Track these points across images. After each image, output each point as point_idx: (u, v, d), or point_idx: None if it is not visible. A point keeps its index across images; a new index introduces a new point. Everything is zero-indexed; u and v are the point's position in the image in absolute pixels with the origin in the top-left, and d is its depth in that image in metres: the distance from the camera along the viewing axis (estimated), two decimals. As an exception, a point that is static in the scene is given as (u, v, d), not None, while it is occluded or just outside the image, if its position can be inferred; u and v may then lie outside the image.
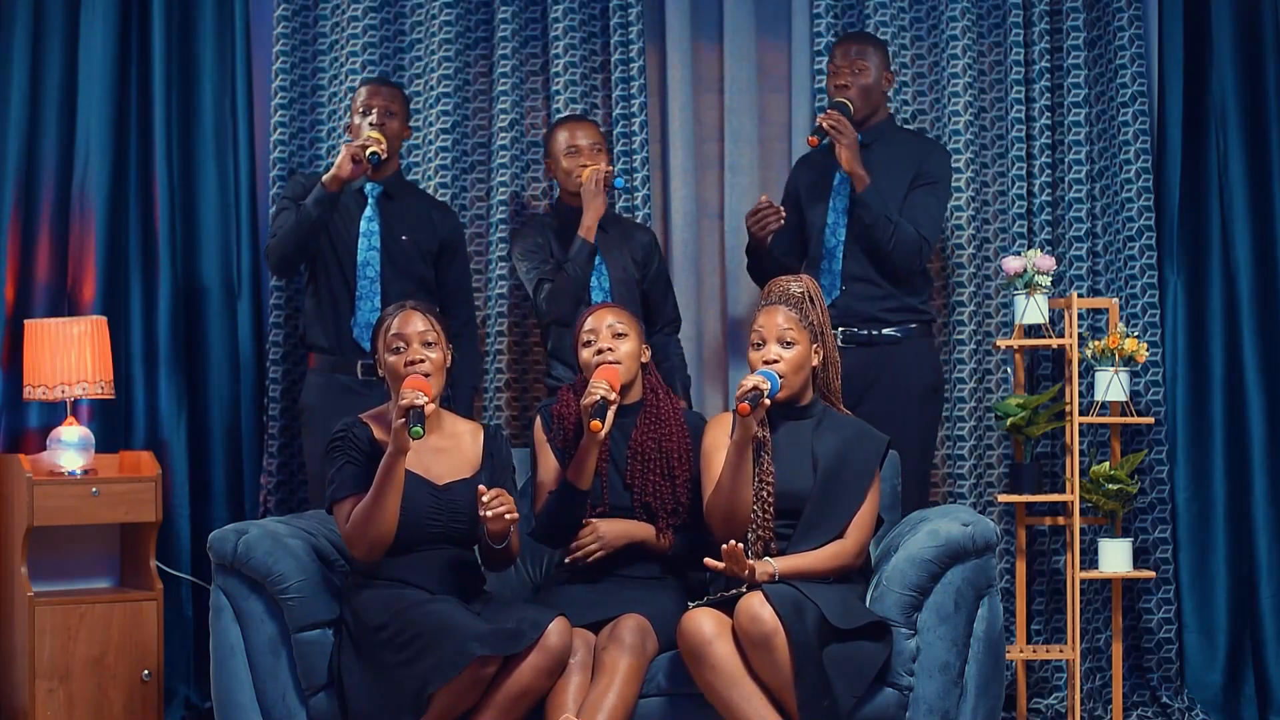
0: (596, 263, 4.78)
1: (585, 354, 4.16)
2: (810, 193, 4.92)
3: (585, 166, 4.72)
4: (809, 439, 4.05)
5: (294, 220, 4.67)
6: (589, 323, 4.18)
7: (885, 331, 4.77)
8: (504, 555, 3.95)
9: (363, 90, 4.84)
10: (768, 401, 3.90)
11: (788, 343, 4.03)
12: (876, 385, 4.62)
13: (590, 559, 4.10)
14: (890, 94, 5.17)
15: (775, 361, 4.01)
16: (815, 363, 4.08)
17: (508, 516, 3.79)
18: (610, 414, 3.97)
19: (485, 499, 3.78)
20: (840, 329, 4.71)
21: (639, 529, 4.13)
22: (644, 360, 4.22)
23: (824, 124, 4.69)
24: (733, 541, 3.80)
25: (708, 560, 3.84)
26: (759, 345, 4.05)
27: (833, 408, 4.15)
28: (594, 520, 4.11)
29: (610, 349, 4.12)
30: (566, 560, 4.13)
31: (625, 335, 4.15)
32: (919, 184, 4.81)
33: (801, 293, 4.09)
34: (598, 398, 3.95)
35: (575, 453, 4.06)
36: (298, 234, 4.66)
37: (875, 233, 4.73)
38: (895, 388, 4.68)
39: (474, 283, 5.17)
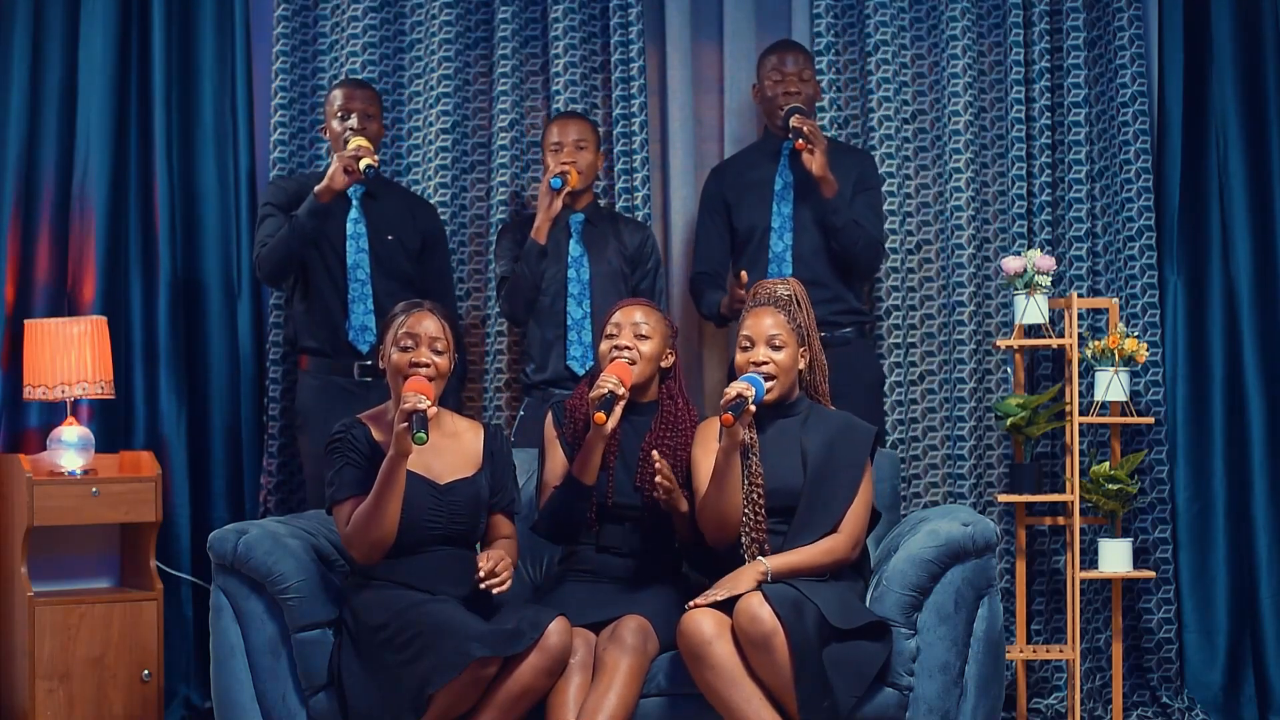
0: (578, 255, 4.80)
1: (604, 345, 4.14)
2: (745, 198, 4.92)
3: (564, 164, 4.74)
4: (797, 436, 4.03)
5: (286, 231, 4.65)
6: (617, 315, 4.16)
7: (838, 333, 4.79)
8: None
9: (338, 93, 4.83)
10: (753, 408, 3.88)
11: (776, 345, 4.02)
12: (832, 386, 4.58)
13: (659, 492, 3.98)
14: (891, 94, 5.19)
15: (764, 364, 4.00)
16: (802, 365, 4.07)
17: (504, 587, 3.80)
18: (618, 409, 3.96)
19: (482, 572, 3.78)
20: None
21: (683, 501, 4.08)
22: (665, 365, 4.19)
23: (804, 128, 4.69)
24: (693, 603, 3.80)
25: (692, 603, 3.82)
26: (747, 347, 4.04)
27: (818, 404, 4.14)
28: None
29: (629, 347, 4.11)
30: (592, 395, 3.98)
31: (649, 338, 4.13)
32: (861, 190, 4.89)
33: (788, 295, 4.09)
34: (605, 391, 3.94)
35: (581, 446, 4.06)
36: (290, 245, 4.66)
37: (845, 236, 4.77)
38: (850, 387, 4.66)
39: (474, 282, 5.18)
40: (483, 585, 3.76)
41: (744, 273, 4.68)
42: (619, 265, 4.85)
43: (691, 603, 3.82)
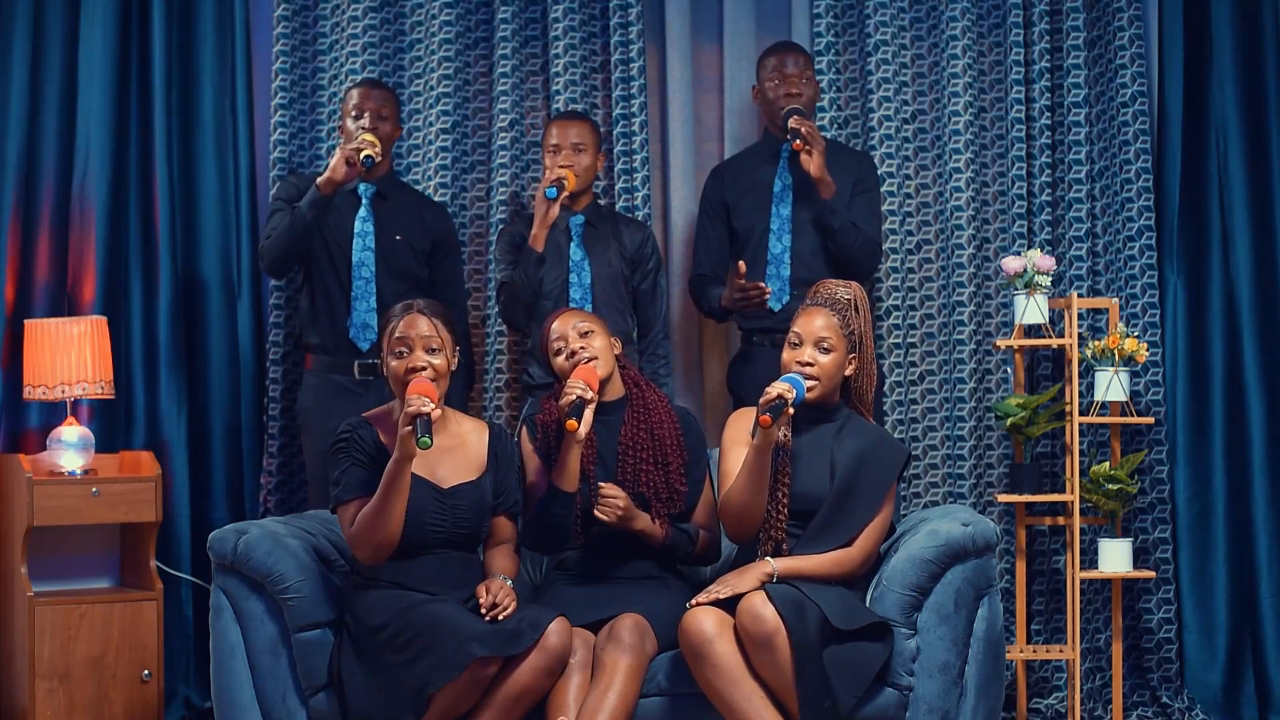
0: (579, 259, 4.80)
1: (559, 361, 4.14)
2: (744, 200, 4.93)
3: (561, 167, 4.74)
4: (830, 443, 4.00)
5: (288, 222, 4.69)
6: (555, 329, 4.16)
7: None
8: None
9: (354, 93, 4.85)
10: (791, 410, 3.84)
11: (825, 348, 3.97)
12: None
13: (608, 517, 4.02)
14: (891, 94, 5.19)
15: (810, 365, 3.95)
16: (849, 372, 4.02)
17: (508, 613, 3.78)
18: (588, 413, 3.96)
19: (484, 607, 3.78)
20: None
21: (643, 519, 4.10)
22: (616, 352, 4.21)
23: (803, 129, 4.69)
24: (694, 601, 3.81)
25: (694, 600, 3.82)
26: (796, 345, 3.99)
27: (857, 414, 4.09)
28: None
29: (582, 348, 4.11)
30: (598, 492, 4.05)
31: (592, 332, 4.14)
32: (859, 191, 4.89)
33: (849, 300, 4.01)
34: (574, 397, 3.95)
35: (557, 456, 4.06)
36: (291, 235, 4.69)
37: (842, 238, 4.78)
38: None
39: (474, 283, 5.18)
40: (487, 617, 3.75)
41: (742, 264, 4.69)
42: (619, 267, 4.86)
43: (693, 600, 3.82)
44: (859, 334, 4.00)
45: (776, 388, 3.83)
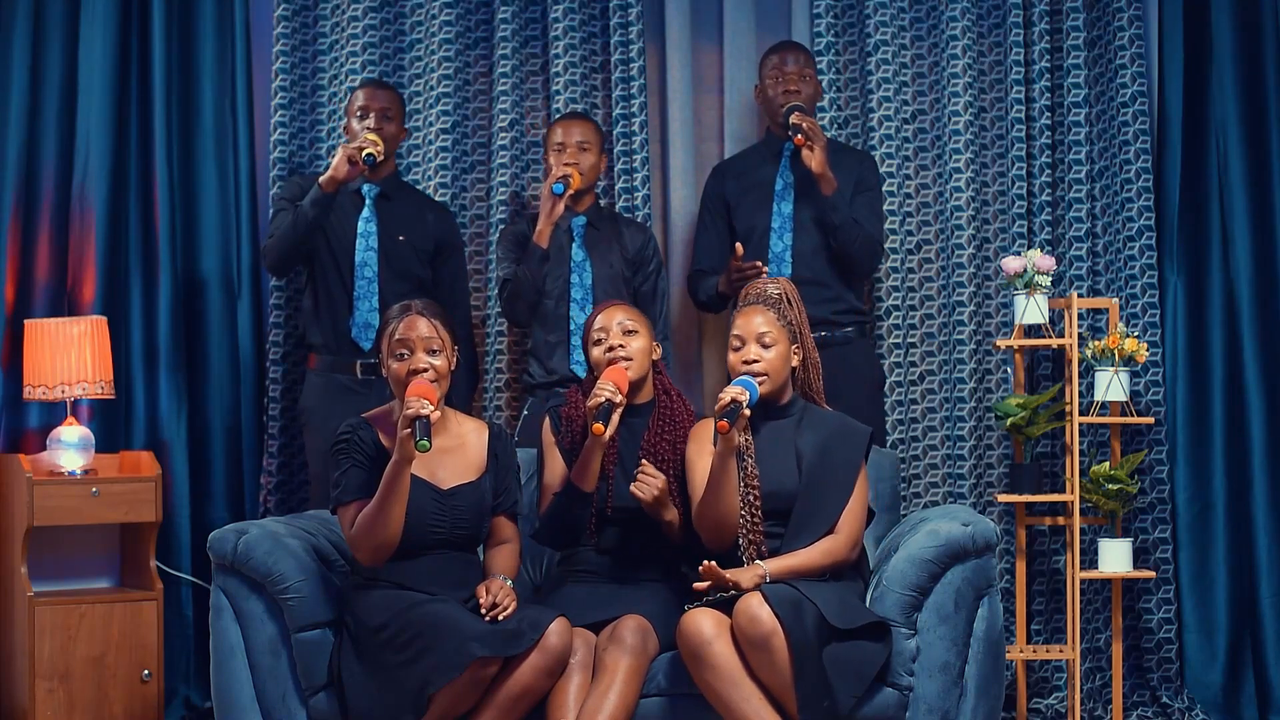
0: (580, 259, 4.81)
1: (596, 352, 4.14)
2: (745, 198, 4.94)
3: (567, 165, 4.75)
4: (791, 437, 4.03)
5: (290, 220, 4.70)
6: (599, 320, 4.16)
7: (839, 333, 4.80)
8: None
9: (359, 93, 4.86)
10: (748, 412, 3.86)
11: (766, 344, 4.01)
12: (833, 385, 4.55)
13: (645, 495, 3.99)
14: (891, 94, 5.19)
15: (755, 361, 3.99)
16: (795, 363, 4.07)
17: (507, 613, 3.78)
18: (615, 417, 3.95)
19: (484, 607, 3.77)
20: None
21: (672, 510, 4.09)
22: (655, 357, 4.21)
23: (804, 124, 4.70)
24: (707, 563, 3.79)
25: (696, 585, 3.83)
26: (738, 347, 4.03)
27: (813, 404, 4.12)
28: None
29: (621, 345, 4.11)
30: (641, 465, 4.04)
31: (635, 332, 4.14)
32: (861, 191, 4.90)
33: (779, 294, 4.08)
34: (602, 400, 3.94)
35: (580, 454, 4.05)
36: (294, 234, 4.70)
37: (843, 235, 4.78)
38: (850, 387, 4.66)
39: (474, 283, 5.18)
40: (487, 618, 3.75)
41: (739, 245, 4.69)
42: (620, 269, 4.86)
43: (702, 565, 3.79)
44: (796, 325, 4.07)
45: (729, 392, 3.85)
